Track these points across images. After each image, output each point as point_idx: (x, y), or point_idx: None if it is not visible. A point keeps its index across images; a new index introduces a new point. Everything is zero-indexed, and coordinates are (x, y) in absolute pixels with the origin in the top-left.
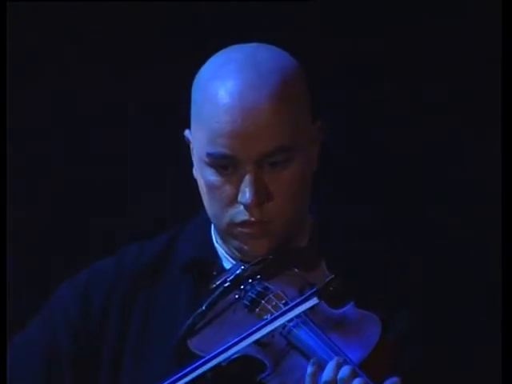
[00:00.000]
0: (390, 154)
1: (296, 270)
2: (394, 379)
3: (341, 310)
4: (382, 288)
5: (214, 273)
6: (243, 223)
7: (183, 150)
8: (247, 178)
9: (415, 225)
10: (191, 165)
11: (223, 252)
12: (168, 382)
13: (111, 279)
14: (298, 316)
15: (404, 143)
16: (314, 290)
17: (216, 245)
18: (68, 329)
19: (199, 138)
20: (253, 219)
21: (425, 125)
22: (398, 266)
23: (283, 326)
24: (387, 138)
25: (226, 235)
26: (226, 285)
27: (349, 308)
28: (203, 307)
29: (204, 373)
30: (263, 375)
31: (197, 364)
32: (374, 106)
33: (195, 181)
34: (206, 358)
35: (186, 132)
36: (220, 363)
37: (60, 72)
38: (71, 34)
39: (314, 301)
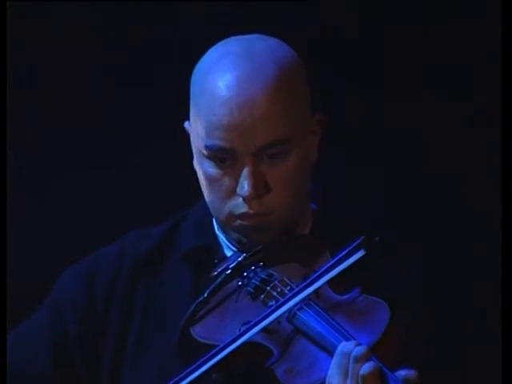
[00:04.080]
0: (391, 153)
1: (300, 256)
2: (411, 372)
3: (347, 296)
4: (385, 280)
5: (216, 260)
6: (242, 215)
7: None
8: (245, 171)
9: (414, 223)
10: (191, 156)
11: (224, 240)
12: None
13: (114, 267)
14: (304, 300)
15: (403, 143)
16: (360, 240)
17: (218, 232)
18: (76, 316)
19: (197, 130)
20: (252, 211)
21: (424, 125)
22: (398, 265)
23: (290, 310)
24: (388, 137)
25: (226, 227)
26: (228, 272)
27: (355, 294)
28: (205, 295)
29: (215, 365)
30: (270, 362)
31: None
32: (374, 105)
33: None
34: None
35: (186, 123)
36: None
37: (60, 72)
38: (71, 34)
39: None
